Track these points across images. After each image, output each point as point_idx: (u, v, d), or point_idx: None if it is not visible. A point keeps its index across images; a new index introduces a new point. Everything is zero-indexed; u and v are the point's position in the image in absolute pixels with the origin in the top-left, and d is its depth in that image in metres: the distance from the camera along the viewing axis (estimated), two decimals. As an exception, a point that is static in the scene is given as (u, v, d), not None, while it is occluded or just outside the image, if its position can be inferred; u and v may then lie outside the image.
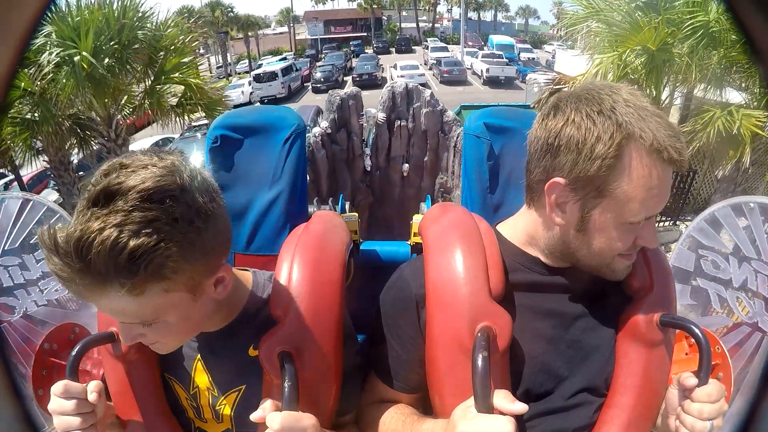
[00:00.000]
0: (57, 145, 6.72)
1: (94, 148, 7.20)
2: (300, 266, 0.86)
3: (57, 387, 0.78)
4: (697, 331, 0.76)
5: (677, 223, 8.38)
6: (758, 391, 0.56)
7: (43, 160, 7.24)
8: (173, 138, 13.71)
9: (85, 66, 5.73)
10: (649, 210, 0.74)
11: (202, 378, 0.88)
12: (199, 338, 0.86)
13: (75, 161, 11.76)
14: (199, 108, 7.40)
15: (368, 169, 5.58)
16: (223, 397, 0.88)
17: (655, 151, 0.69)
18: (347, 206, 1.49)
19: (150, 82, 6.80)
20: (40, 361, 1.64)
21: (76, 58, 5.67)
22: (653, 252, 0.87)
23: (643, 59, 5.92)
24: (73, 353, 0.80)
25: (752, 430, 0.53)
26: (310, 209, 1.22)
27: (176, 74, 6.88)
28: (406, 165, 5.63)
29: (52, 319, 2.00)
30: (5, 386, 0.58)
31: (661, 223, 8.22)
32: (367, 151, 5.66)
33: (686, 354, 1.37)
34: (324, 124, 5.36)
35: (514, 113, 1.14)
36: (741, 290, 1.85)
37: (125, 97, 6.91)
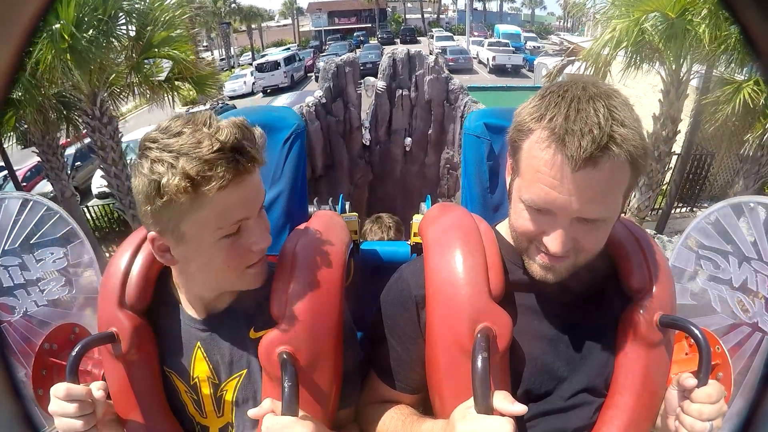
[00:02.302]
0: (42, 127, 6.47)
1: (81, 129, 6.93)
2: (300, 266, 0.86)
3: (59, 390, 0.78)
4: (696, 331, 0.76)
5: (694, 209, 8.30)
6: (758, 391, 0.56)
7: (32, 143, 7.01)
8: None
9: (66, 36, 5.32)
10: (539, 197, 0.72)
11: (202, 367, 0.89)
12: (207, 320, 0.88)
13: (73, 151, 11.63)
14: (189, 84, 7.09)
15: (367, 143, 5.16)
16: (224, 383, 0.88)
17: (551, 136, 0.69)
18: (347, 206, 1.50)
19: (136, 56, 6.45)
20: (40, 361, 1.64)
21: (55, 26, 5.26)
22: (653, 252, 0.87)
23: (661, 27, 5.70)
24: (73, 354, 0.80)
25: (752, 430, 0.53)
26: (310, 209, 1.23)
27: (165, 48, 6.52)
28: (409, 138, 5.17)
29: (52, 319, 2.00)
30: (5, 386, 0.58)
31: (678, 209, 8.14)
32: (366, 123, 5.20)
33: (686, 354, 1.37)
34: (318, 92, 4.93)
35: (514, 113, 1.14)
36: (741, 290, 1.85)
37: (112, 75, 6.56)
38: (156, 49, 6.53)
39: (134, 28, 6.36)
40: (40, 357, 1.64)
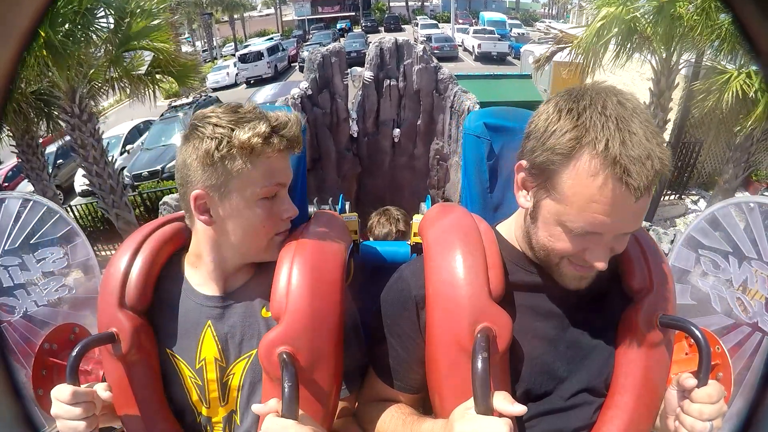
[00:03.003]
0: (21, 126, 6.30)
1: (62, 126, 6.67)
2: (300, 266, 0.86)
3: (63, 393, 0.78)
4: (696, 331, 0.76)
5: (682, 197, 8.31)
6: (758, 391, 0.56)
7: (10, 144, 6.80)
8: (154, 120, 13.51)
9: (41, 32, 5.05)
10: (590, 225, 0.70)
11: (210, 348, 0.89)
12: (219, 299, 0.91)
13: (54, 149, 11.45)
14: (171, 77, 6.90)
15: (355, 135, 4.99)
16: (232, 366, 0.89)
17: (608, 164, 0.66)
18: (347, 206, 1.49)
19: (114, 49, 6.22)
20: (40, 361, 1.64)
21: (27, 22, 5.21)
22: (653, 252, 0.87)
23: (650, 12, 5.67)
24: (73, 354, 0.80)
25: (752, 430, 0.53)
26: (310, 209, 1.23)
27: (144, 40, 6.32)
28: (397, 130, 4.97)
29: (52, 319, 2.00)
30: (5, 386, 0.58)
31: (666, 197, 8.15)
32: (353, 114, 5.08)
33: (686, 354, 1.37)
34: (304, 84, 4.71)
35: (513, 113, 1.14)
36: (741, 290, 1.85)
37: (91, 70, 6.34)
38: (135, 41, 6.34)
39: (113, 21, 6.15)
40: (40, 357, 1.64)
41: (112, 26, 6.19)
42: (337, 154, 5.00)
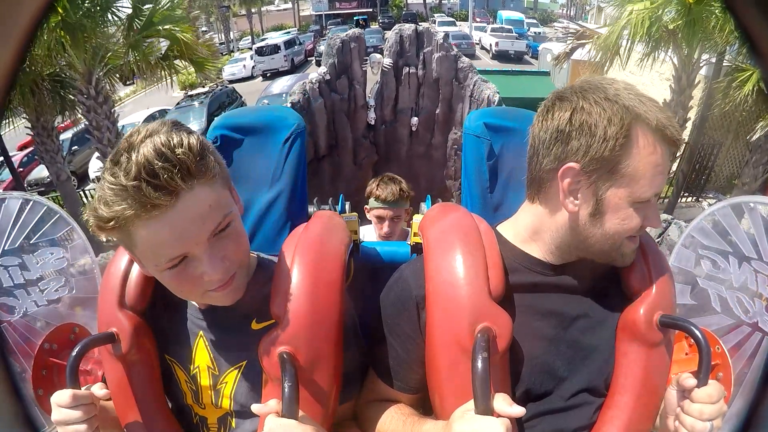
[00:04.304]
0: (36, 107, 6.29)
1: (77, 110, 6.75)
2: (300, 266, 0.86)
3: (63, 398, 0.77)
4: (696, 331, 0.76)
5: (699, 199, 8.29)
6: (758, 391, 0.56)
7: (26, 127, 6.86)
8: (169, 109, 13.61)
9: (59, 9, 5.08)
10: (655, 187, 0.77)
11: (203, 356, 0.89)
12: (207, 311, 0.88)
13: (70, 135, 11.51)
14: (189, 63, 6.93)
15: (372, 122, 4.89)
16: (224, 375, 0.88)
17: (658, 130, 0.74)
18: (347, 206, 1.49)
19: (134, 34, 6.26)
20: (40, 361, 1.64)
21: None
22: (653, 252, 0.87)
23: (678, 12, 5.75)
24: (73, 354, 0.80)
25: (752, 430, 0.53)
26: (310, 209, 1.23)
27: (165, 26, 6.35)
28: (416, 118, 4.89)
29: (52, 319, 2.00)
30: (5, 386, 0.58)
31: (684, 199, 8.15)
32: (371, 102, 4.94)
33: (686, 354, 1.37)
34: (322, 69, 4.64)
35: (514, 113, 1.14)
36: (741, 290, 1.85)
37: (108, 54, 6.38)
38: (156, 27, 6.36)
39: (129, 4, 6.17)
40: (40, 357, 1.64)
41: (129, 11, 6.18)
42: (354, 142, 4.89)
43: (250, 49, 27.18)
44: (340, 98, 4.72)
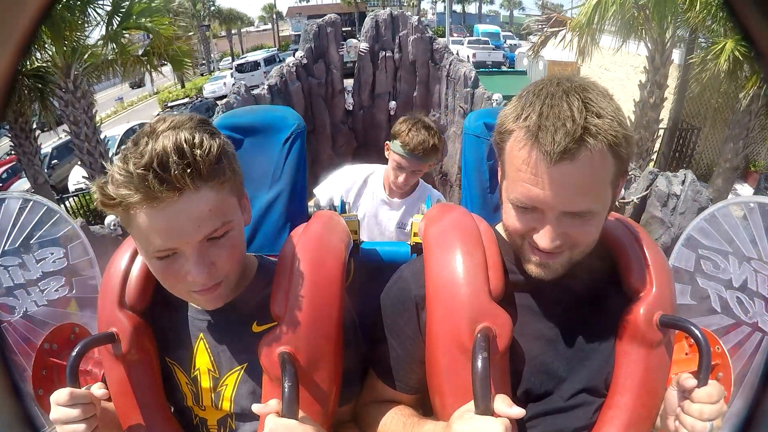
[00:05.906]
0: (15, 107, 6.30)
1: (56, 106, 6.73)
2: (300, 266, 0.86)
3: (61, 396, 0.77)
4: (696, 331, 0.76)
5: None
6: (758, 391, 0.56)
7: (4, 128, 6.92)
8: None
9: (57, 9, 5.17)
10: (524, 195, 0.72)
11: (203, 359, 0.89)
12: (208, 313, 0.88)
13: (50, 150, 11.46)
14: (166, 60, 6.97)
15: (350, 108, 4.87)
16: (224, 378, 0.88)
17: (529, 133, 0.70)
18: (347, 207, 1.49)
19: (113, 29, 6.29)
20: (40, 361, 1.64)
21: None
22: (653, 252, 0.87)
23: None
24: (73, 354, 0.80)
25: (752, 430, 0.53)
26: (310, 209, 1.23)
27: (143, 19, 6.35)
28: (393, 102, 4.89)
29: (52, 319, 2.00)
30: (5, 386, 0.58)
31: None
32: (349, 87, 4.90)
33: (686, 354, 1.37)
34: (299, 53, 4.67)
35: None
36: (741, 290, 1.85)
37: (88, 51, 6.44)
38: (134, 19, 6.38)
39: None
40: (40, 357, 1.64)
41: (109, 7, 6.23)
42: (332, 128, 4.90)
43: (231, 68, 27.28)
44: (317, 83, 4.72)
